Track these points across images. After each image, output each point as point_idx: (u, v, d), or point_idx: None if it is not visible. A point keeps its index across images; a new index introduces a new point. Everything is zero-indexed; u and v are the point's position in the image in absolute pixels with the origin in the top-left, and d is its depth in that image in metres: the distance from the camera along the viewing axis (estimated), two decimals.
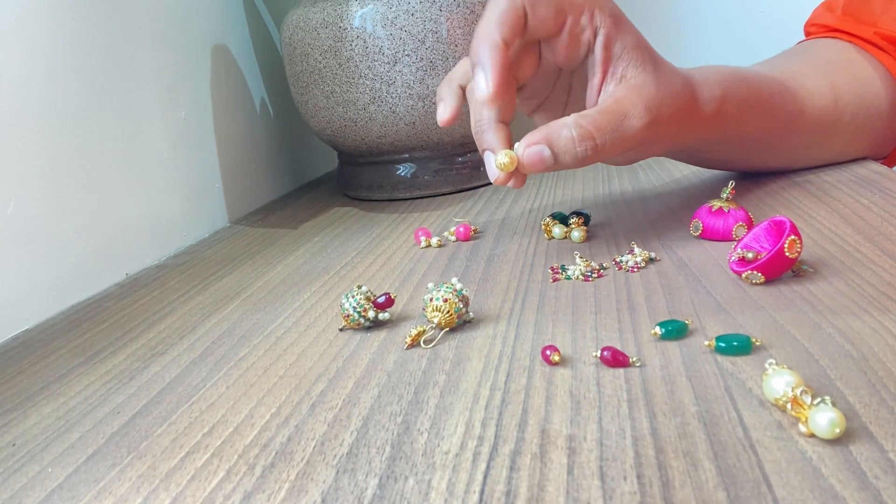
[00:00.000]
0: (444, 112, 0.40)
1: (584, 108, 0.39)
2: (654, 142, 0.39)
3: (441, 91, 0.41)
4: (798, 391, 0.21)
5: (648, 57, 0.37)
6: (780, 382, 0.22)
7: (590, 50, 0.37)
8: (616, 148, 0.36)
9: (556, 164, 0.35)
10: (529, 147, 0.34)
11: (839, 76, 0.51)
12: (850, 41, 0.55)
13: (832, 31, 0.56)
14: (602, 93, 0.37)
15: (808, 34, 0.60)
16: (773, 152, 0.51)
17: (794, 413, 0.21)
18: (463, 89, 0.41)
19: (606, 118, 0.35)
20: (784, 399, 0.21)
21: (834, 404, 0.21)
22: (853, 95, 0.51)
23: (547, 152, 0.34)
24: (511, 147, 0.35)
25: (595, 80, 0.37)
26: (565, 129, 0.34)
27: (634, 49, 0.37)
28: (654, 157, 0.45)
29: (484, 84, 0.34)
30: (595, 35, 0.36)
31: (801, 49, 0.57)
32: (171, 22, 0.56)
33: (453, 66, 0.59)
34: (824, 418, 0.20)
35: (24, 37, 0.41)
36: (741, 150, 0.49)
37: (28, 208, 0.40)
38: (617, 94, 0.37)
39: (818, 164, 0.54)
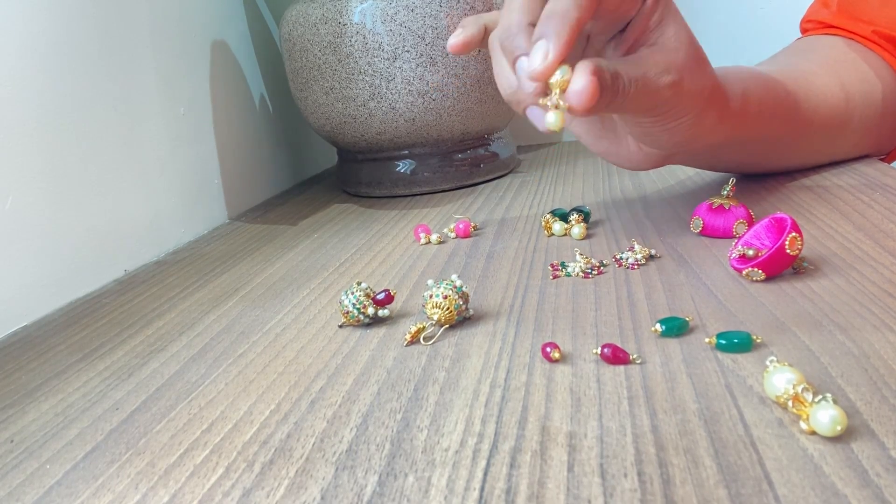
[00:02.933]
0: (457, 36, 0.37)
1: None
2: (679, 111, 0.37)
3: (465, 21, 0.38)
4: (799, 388, 0.21)
5: (685, 32, 0.36)
6: (781, 380, 0.22)
7: (637, 13, 0.35)
8: (641, 97, 0.33)
9: (601, 94, 0.31)
10: (583, 74, 0.30)
11: (848, 76, 0.51)
12: (850, 38, 0.55)
13: (829, 28, 0.56)
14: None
15: (804, 31, 0.60)
16: (790, 153, 0.50)
17: (795, 410, 0.21)
18: (487, 31, 0.38)
19: (627, 64, 0.33)
20: (785, 396, 0.21)
21: (835, 401, 0.20)
22: (861, 95, 0.51)
23: (595, 81, 0.30)
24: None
25: (624, 46, 0.36)
26: (601, 63, 0.31)
27: (673, 22, 0.35)
28: (680, 155, 0.43)
29: (541, 59, 0.30)
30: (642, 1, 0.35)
31: (806, 47, 0.56)
32: (169, 17, 0.56)
33: (453, 62, 0.59)
34: (826, 416, 0.20)
35: (21, 32, 0.41)
36: (761, 151, 0.48)
37: (26, 204, 0.40)
38: (640, 52, 0.35)
39: (828, 162, 0.53)
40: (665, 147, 0.40)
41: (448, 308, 0.31)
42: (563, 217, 0.45)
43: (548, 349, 0.27)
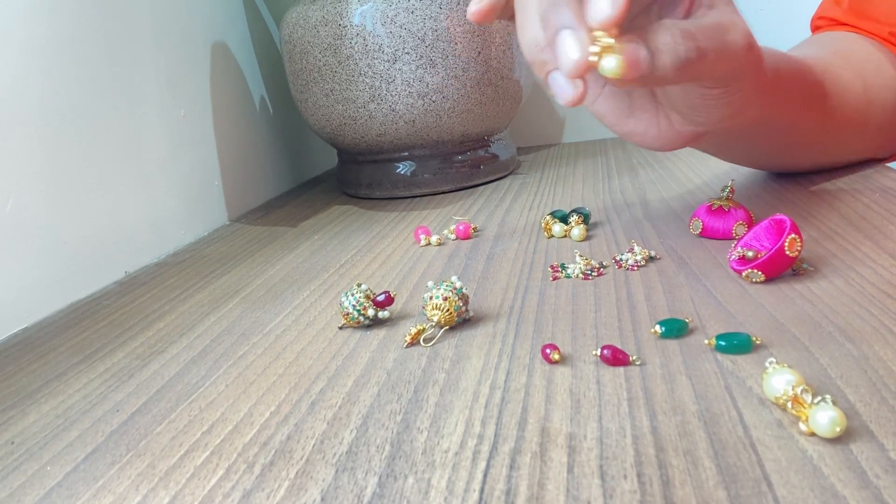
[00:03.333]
0: (479, 3, 0.32)
1: None
2: (746, 79, 0.34)
3: None
4: (798, 390, 0.21)
5: (733, 6, 0.33)
6: (780, 381, 0.22)
7: None
8: (719, 64, 0.30)
9: (653, 68, 0.27)
10: (629, 43, 0.27)
11: (870, 74, 0.50)
12: (867, 36, 0.54)
13: (841, 25, 0.56)
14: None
15: (815, 28, 0.59)
16: (812, 146, 0.48)
17: (794, 412, 0.21)
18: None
19: (706, 26, 0.30)
20: (784, 398, 0.21)
21: (834, 403, 0.20)
22: (881, 95, 0.50)
23: (643, 52, 0.27)
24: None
25: (680, 8, 0.32)
26: (663, 28, 0.28)
27: None
28: (710, 136, 0.39)
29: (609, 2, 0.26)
30: None
31: (827, 41, 0.55)
32: (170, 19, 0.56)
33: (453, 63, 0.59)
34: (825, 417, 0.20)
35: (23, 35, 0.41)
36: (786, 140, 0.46)
37: (27, 206, 0.40)
38: (710, 14, 0.31)
39: (845, 163, 0.52)
40: (713, 122, 0.37)
41: (448, 310, 0.31)
42: (563, 218, 0.45)
43: (547, 351, 0.27)
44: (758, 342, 0.26)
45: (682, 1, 0.32)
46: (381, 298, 0.33)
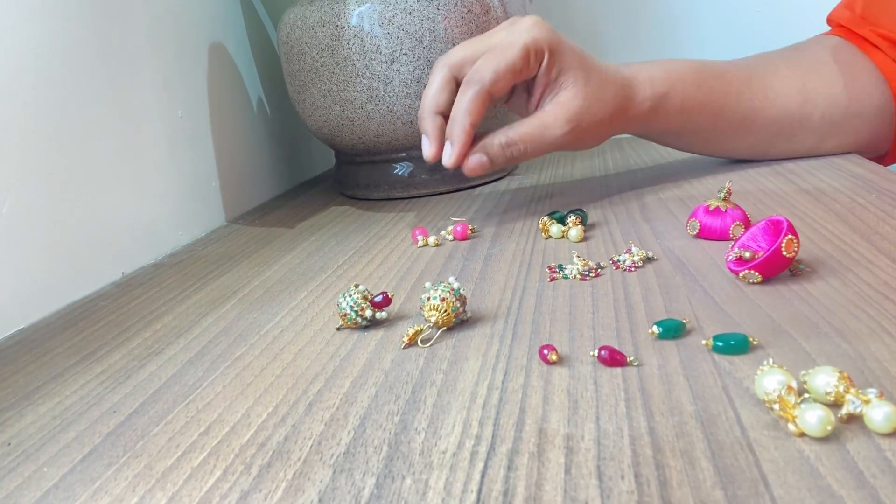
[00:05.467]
0: (431, 149, 0.47)
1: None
2: (582, 141, 0.48)
3: (424, 125, 0.47)
4: (783, 390, 0.21)
5: (581, 75, 0.46)
6: (770, 382, 0.22)
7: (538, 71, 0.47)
8: (540, 151, 0.47)
9: (492, 165, 0.46)
10: (472, 156, 0.46)
11: (817, 77, 0.53)
12: (848, 39, 0.55)
13: (844, 30, 0.57)
14: (539, 107, 0.47)
15: (829, 23, 0.61)
16: (732, 144, 0.55)
17: (781, 413, 0.21)
18: (444, 118, 0.47)
19: (529, 129, 0.46)
20: (770, 399, 0.21)
21: (817, 401, 0.20)
22: (827, 96, 0.53)
23: (484, 158, 0.46)
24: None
25: (534, 97, 0.48)
26: (496, 139, 0.46)
27: (569, 70, 0.46)
28: (600, 143, 0.51)
29: (447, 157, 0.46)
30: (540, 63, 0.46)
31: (797, 46, 0.58)
32: (167, 20, 0.56)
33: None
34: (813, 416, 0.20)
35: (19, 36, 0.41)
36: (694, 139, 0.55)
37: (24, 207, 0.40)
38: (544, 107, 0.47)
39: (789, 156, 0.57)
40: (587, 147, 0.51)
41: (445, 310, 0.31)
42: (561, 219, 0.45)
43: (545, 351, 0.27)
44: (755, 343, 0.26)
45: (535, 93, 0.48)
46: (378, 299, 0.33)
